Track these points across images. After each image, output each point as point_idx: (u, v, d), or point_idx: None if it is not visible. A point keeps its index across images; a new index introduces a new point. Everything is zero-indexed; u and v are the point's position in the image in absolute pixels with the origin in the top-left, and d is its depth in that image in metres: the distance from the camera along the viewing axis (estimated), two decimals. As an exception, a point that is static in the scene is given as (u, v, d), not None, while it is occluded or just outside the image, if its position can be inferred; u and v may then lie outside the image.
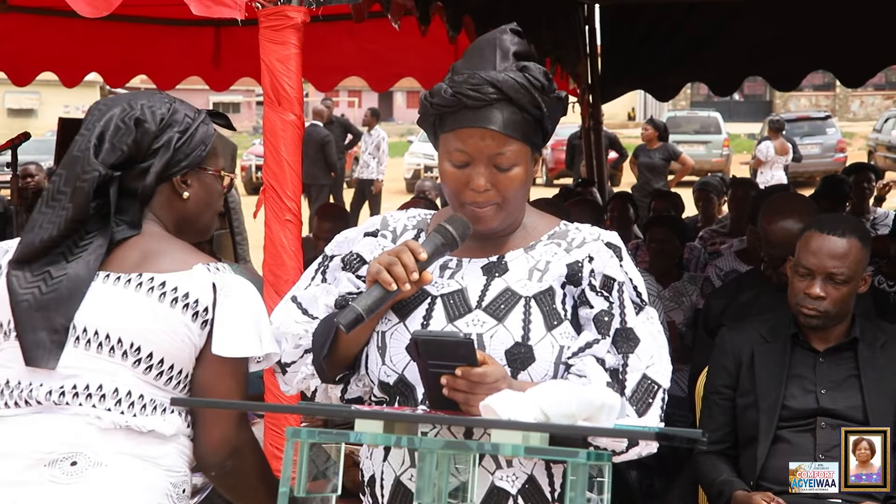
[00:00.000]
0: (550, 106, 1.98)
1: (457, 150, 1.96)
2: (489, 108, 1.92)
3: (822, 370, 3.12)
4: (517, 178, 1.97)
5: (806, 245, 3.10)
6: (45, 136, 17.41)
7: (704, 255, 6.17)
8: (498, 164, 1.95)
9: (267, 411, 2.41)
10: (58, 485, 2.00)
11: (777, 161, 15.04)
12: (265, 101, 3.36)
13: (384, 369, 2.01)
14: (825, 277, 3.06)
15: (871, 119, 30.46)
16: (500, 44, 1.98)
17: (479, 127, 1.93)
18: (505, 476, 1.94)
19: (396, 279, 1.90)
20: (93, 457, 2.02)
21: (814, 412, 3.06)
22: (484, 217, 1.99)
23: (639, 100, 32.69)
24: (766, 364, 3.16)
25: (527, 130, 1.96)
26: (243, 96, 39.40)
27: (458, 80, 1.94)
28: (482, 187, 1.96)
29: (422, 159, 21.61)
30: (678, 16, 7.94)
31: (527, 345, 1.94)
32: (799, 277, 3.11)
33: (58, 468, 2.01)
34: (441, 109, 1.96)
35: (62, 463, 2.01)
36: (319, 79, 7.95)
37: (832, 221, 3.16)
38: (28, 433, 2.04)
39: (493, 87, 1.92)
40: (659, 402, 1.95)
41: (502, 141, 1.94)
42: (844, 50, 7.67)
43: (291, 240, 3.36)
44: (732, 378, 3.21)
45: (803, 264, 3.09)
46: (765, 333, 3.22)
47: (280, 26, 3.32)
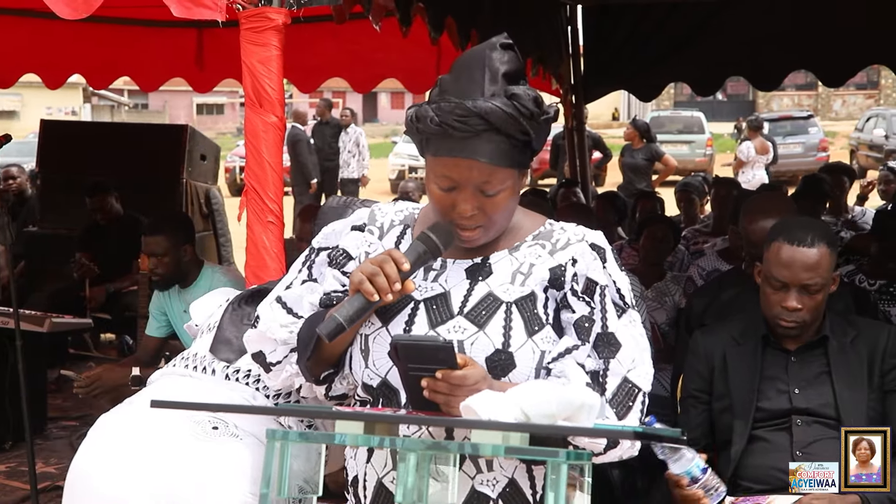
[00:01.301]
0: (538, 129, 1.95)
1: (444, 177, 1.94)
2: (476, 138, 1.89)
3: (795, 369, 3.13)
4: (503, 200, 1.96)
5: (776, 257, 3.05)
6: (28, 139, 17.34)
7: (687, 256, 6.19)
8: (484, 190, 1.94)
9: (249, 413, 2.42)
10: (197, 440, 2.42)
11: (758, 161, 15.10)
12: (246, 102, 3.36)
13: (367, 372, 2.02)
14: (800, 289, 3.04)
15: (853, 118, 30.60)
16: (489, 63, 1.92)
17: (466, 158, 1.91)
18: (485, 480, 1.94)
19: (378, 290, 1.89)
20: (232, 428, 2.44)
21: (788, 412, 3.08)
22: (470, 237, 1.99)
23: (622, 100, 32.79)
24: (739, 367, 3.17)
25: (514, 156, 1.94)
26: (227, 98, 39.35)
27: (444, 109, 1.89)
28: (468, 213, 1.95)
29: (406, 160, 21.60)
30: (660, 16, 7.96)
31: (507, 352, 1.93)
32: (772, 289, 3.08)
33: (201, 427, 2.44)
34: (426, 135, 1.95)
35: (206, 424, 2.44)
36: (302, 80, 7.95)
37: (800, 231, 3.07)
38: (194, 392, 2.54)
39: (480, 119, 1.88)
40: (639, 405, 1.95)
41: (489, 171, 1.92)
42: (825, 50, 7.71)
43: (273, 241, 3.36)
44: (706, 382, 3.22)
45: (776, 277, 3.06)
46: (736, 336, 3.22)
47: (261, 28, 3.32)
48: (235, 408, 2.49)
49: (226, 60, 6.69)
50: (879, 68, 25.35)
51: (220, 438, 2.43)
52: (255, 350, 2.11)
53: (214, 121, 39.79)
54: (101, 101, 34.87)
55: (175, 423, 2.44)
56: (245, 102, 3.36)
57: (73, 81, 8.96)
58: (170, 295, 4.84)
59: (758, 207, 3.98)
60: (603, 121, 30.29)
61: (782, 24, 7.56)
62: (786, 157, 20.64)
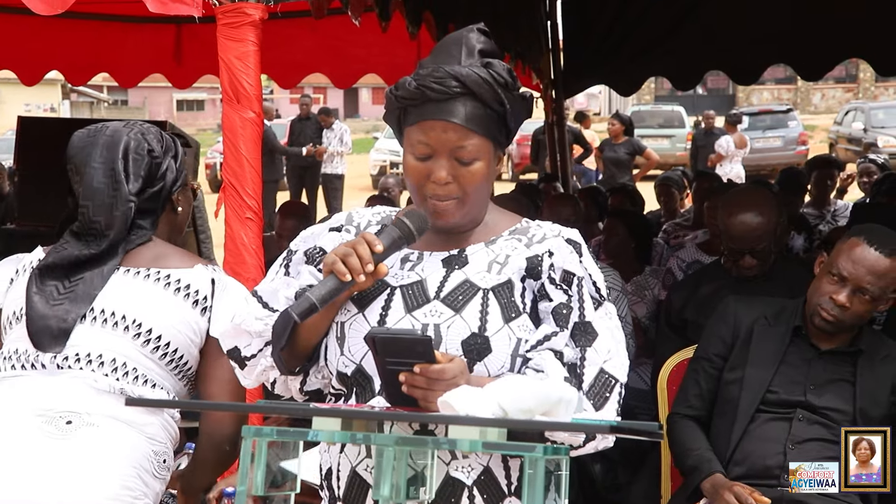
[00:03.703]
0: (514, 103, 2.00)
1: (419, 143, 1.98)
2: (452, 101, 1.95)
3: (818, 367, 3.09)
4: (479, 172, 1.99)
5: (848, 251, 2.99)
6: (6, 135, 17.25)
7: (667, 250, 6.21)
8: (460, 157, 1.97)
9: (225, 410, 2.42)
10: (52, 439, 2.28)
11: (736, 155, 15.19)
12: (224, 98, 3.35)
13: (342, 360, 2.02)
14: (855, 289, 2.99)
15: (832, 112, 30.74)
16: (466, 42, 2.00)
17: (442, 119, 1.95)
18: (460, 467, 1.95)
19: (351, 270, 1.90)
20: (86, 418, 2.31)
21: (797, 403, 3.06)
22: (445, 211, 2.00)
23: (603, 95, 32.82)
24: (762, 345, 3.13)
25: (489, 125, 1.98)
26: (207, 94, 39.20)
27: (422, 74, 1.96)
28: (443, 180, 1.97)
29: (387, 155, 21.56)
30: (639, 11, 7.97)
31: (483, 336, 1.94)
32: (829, 278, 3.02)
33: (54, 425, 2.30)
34: (405, 102, 1.98)
35: (59, 420, 2.30)
36: (282, 76, 7.93)
37: (883, 236, 3.01)
38: (32, 392, 2.34)
39: (456, 81, 1.94)
40: (616, 396, 1.96)
41: (464, 134, 1.96)
42: (803, 44, 7.75)
43: (252, 237, 3.36)
44: (726, 348, 3.19)
45: (839, 269, 3.00)
46: (769, 316, 3.18)
47: (238, 23, 3.31)
48: (210, 405, 2.48)
49: (205, 56, 6.64)
50: (858, 62, 25.51)
51: (76, 432, 2.30)
52: (230, 346, 2.10)
53: (195, 117, 39.65)
54: (80, 97, 34.67)
55: (25, 427, 2.30)
56: (223, 98, 3.34)
57: (51, 78, 8.91)
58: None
59: (737, 201, 3.98)
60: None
61: (761, 18, 7.59)
62: (765, 151, 20.75)
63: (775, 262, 3.98)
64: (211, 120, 36.71)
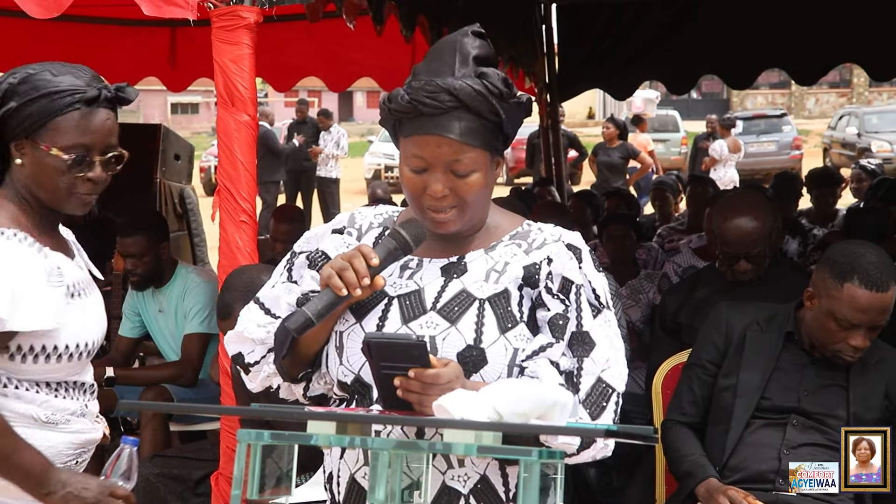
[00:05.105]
0: (509, 112, 1.97)
1: (414, 156, 1.96)
2: (446, 115, 1.92)
3: (811, 373, 3.09)
4: (476, 183, 1.97)
5: (853, 301, 2.92)
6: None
7: (662, 254, 6.21)
8: (455, 170, 1.95)
9: (220, 414, 2.41)
10: None
11: (730, 159, 15.20)
12: (218, 101, 3.34)
13: (341, 369, 2.02)
14: (869, 328, 2.98)
15: (826, 116, 30.78)
16: (460, 47, 1.96)
17: (436, 134, 1.93)
18: (456, 476, 1.94)
19: (347, 285, 1.89)
20: None
21: (790, 409, 3.06)
22: (444, 222, 1.99)
23: (598, 98, 32.85)
24: (755, 352, 3.13)
25: (485, 137, 1.95)
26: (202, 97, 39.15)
27: (415, 87, 1.93)
28: (439, 193, 1.95)
29: (382, 159, 21.55)
30: (634, 15, 7.99)
31: (479, 348, 1.93)
32: (839, 326, 2.97)
33: None
34: (398, 115, 1.96)
35: None
36: (277, 79, 7.92)
37: (876, 273, 2.93)
38: None
39: (449, 95, 1.91)
40: (613, 405, 1.95)
41: (459, 148, 1.93)
42: (798, 49, 7.77)
43: (246, 241, 3.35)
44: (719, 354, 3.19)
45: (847, 319, 2.94)
46: (761, 322, 3.18)
47: (233, 26, 3.31)
48: (211, 408, 2.47)
49: (199, 59, 6.64)
50: (852, 67, 25.52)
51: None
52: (234, 352, 2.10)
53: (189, 120, 39.61)
54: (74, 100, 34.58)
55: None
56: (217, 101, 3.34)
57: (45, 81, 8.89)
58: (144, 295, 4.81)
59: (731, 206, 3.99)
60: (579, 119, 30.33)
61: (755, 23, 7.61)
62: (760, 156, 20.77)
63: (770, 267, 3.98)
64: (205, 123, 36.66)
